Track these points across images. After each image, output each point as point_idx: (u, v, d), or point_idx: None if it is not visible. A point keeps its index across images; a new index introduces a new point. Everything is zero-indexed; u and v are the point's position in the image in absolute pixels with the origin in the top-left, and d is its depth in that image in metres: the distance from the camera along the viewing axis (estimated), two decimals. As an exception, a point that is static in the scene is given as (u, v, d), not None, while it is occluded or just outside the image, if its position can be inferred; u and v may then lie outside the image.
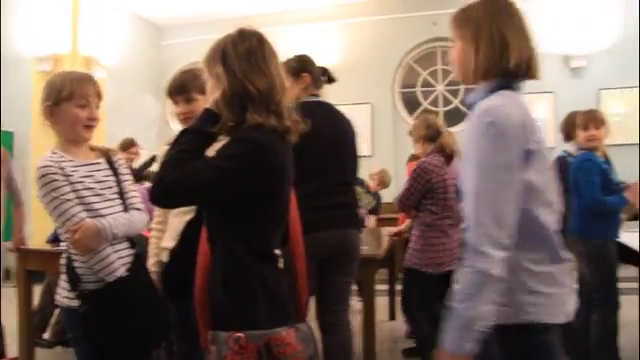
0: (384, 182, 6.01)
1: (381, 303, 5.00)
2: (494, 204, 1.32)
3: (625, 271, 3.70)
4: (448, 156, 3.36)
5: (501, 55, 1.44)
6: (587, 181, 3.11)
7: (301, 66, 2.74)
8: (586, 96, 7.40)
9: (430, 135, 3.44)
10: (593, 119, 3.26)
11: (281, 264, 1.53)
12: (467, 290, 1.32)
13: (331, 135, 2.65)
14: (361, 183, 5.47)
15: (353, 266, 2.77)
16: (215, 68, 1.52)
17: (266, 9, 8.03)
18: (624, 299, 3.23)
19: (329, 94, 8.53)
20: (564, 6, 7.76)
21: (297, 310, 1.58)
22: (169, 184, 1.42)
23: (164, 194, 1.46)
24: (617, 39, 7.71)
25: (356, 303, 5.15)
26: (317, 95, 2.77)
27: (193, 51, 1.61)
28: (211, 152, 1.50)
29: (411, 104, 8.48)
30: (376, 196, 5.97)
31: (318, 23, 8.29)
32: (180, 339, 2.28)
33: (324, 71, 2.86)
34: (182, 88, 2.29)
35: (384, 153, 8.03)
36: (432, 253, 3.27)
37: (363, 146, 8.01)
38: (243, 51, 1.50)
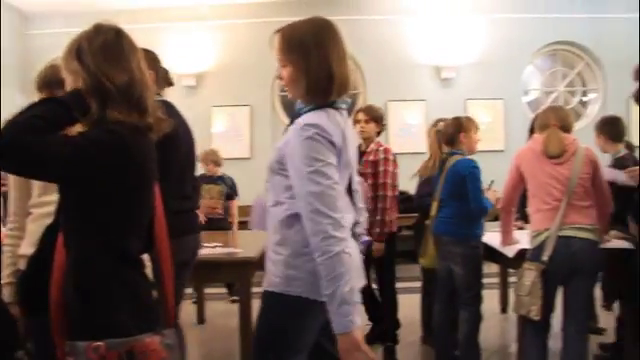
0: (216, 161, 5.69)
1: (258, 305, 4.96)
2: (324, 196, 1.54)
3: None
4: None
5: (327, 82, 1.64)
6: (476, 188, 3.20)
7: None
8: (455, 105, 7.88)
9: None
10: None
11: (147, 268, 1.46)
12: (333, 273, 1.50)
13: (185, 137, 2.60)
14: (202, 177, 5.29)
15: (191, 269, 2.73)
16: (71, 65, 1.44)
17: (139, 4, 7.68)
18: (485, 293, 3.43)
19: (207, 94, 8.37)
20: (436, 21, 8.25)
21: (164, 315, 1.52)
22: (17, 144, 1.24)
23: (5, 154, 1.25)
24: (482, 54, 8.31)
25: (232, 305, 5.13)
26: (160, 95, 2.67)
27: (62, 43, 1.51)
28: None
29: (291, 107, 8.47)
30: (222, 179, 5.69)
31: (192, 22, 8.08)
32: (37, 353, 2.11)
33: (167, 72, 2.72)
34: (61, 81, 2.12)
35: (263, 155, 8.00)
36: None
37: (243, 148, 8.15)
38: (98, 46, 1.43)
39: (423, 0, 8.25)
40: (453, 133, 3.40)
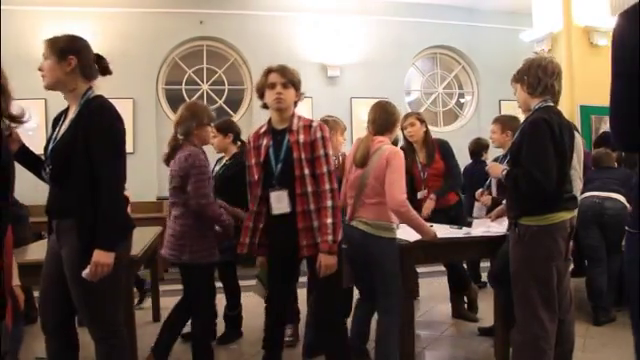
0: None
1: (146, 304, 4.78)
2: None
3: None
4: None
5: None
6: None
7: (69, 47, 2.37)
8: (340, 102, 8.07)
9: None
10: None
11: None
12: None
13: None
14: None
15: None
16: None
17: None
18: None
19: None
20: (323, 20, 8.38)
21: None
22: None
23: None
24: (367, 54, 8.55)
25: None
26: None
27: None
28: None
29: (176, 101, 8.28)
30: None
31: (74, 7, 7.62)
32: None
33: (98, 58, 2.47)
34: None
35: (146, 150, 7.71)
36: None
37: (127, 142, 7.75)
38: None
39: (310, -2, 8.37)
40: None
